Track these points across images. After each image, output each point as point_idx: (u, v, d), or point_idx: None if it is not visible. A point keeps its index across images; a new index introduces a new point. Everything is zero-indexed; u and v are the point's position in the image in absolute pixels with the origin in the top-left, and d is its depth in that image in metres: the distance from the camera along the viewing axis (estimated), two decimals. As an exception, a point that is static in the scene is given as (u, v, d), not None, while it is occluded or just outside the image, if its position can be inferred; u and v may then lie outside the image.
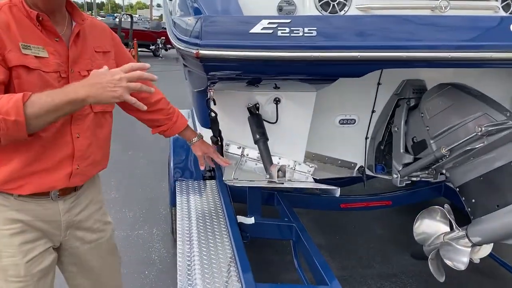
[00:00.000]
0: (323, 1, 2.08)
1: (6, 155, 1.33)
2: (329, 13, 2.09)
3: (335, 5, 2.09)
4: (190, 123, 3.92)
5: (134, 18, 15.78)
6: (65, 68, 1.36)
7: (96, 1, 44.25)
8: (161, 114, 1.85)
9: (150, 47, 16.68)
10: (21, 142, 1.30)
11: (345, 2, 2.09)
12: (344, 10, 2.09)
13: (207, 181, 2.87)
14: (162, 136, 1.99)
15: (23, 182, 1.35)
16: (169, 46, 16.65)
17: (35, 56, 1.28)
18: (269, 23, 1.61)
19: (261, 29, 1.61)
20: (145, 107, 1.29)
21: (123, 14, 18.49)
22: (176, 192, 2.71)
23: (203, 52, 1.63)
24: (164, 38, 16.46)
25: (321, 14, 2.05)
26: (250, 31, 1.61)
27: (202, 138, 2.07)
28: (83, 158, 1.44)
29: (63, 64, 1.35)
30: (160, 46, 16.58)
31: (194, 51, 1.64)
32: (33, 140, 1.31)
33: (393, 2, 2.04)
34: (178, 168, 2.99)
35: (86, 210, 1.57)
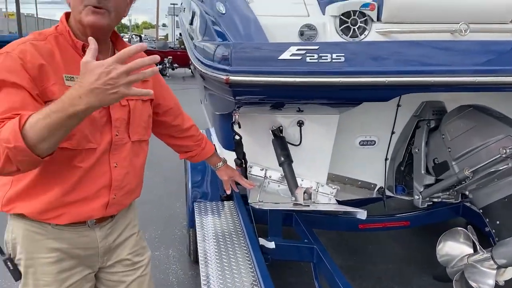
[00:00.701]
0: (344, 26, 2.13)
1: (44, 185, 1.32)
2: (349, 37, 2.13)
3: (356, 29, 2.13)
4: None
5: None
6: None
7: (103, 22, 44.82)
8: (191, 141, 1.87)
9: (158, 66, 16.89)
10: (59, 172, 1.30)
11: (365, 26, 2.13)
12: (364, 34, 2.14)
13: (225, 202, 2.88)
14: (176, 154, 1.98)
15: (60, 212, 1.35)
16: (176, 65, 16.84)
17: None
18: (298, 49, 1.65)
19: (290, 56, 1.65)
20: (150, 92, 1.15)
21: (132, 34, 18.78)
22: (195, 213, 2.73)
23: (233, 78, 1.66)
24: (171, 57, 16.68)
25: (343, 40, 2.09)
26: (279, 58, 1.65)
27: (226, 162, 2.09)
28: (120, 188, 1.44)
29: None
30: (167, 65, 16.77)
31: (224, 77, 1.68)
32: (71, 170, 1.31)
33: (413, 26, 2.09)
34: (196, 189, 3.01)
35: (123, 234, 1.57)
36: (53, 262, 1.39)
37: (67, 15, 1.36)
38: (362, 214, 2.05)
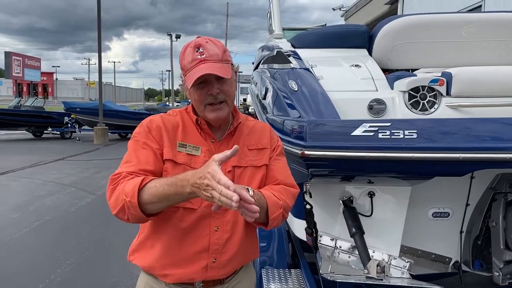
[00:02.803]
0: (413, 100, 2.17)
1: (153, 241, 1.50)
2: (419, 111, 2.16)
3: (425, 103, 2.16)
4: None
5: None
6: None
7: (173, 88, 48.41)
8: None
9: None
10: (163, 229, 1.45)
11: (434, 100, 2.15)
12: (434, 108, 2.16)
13: (292, 270, 2.88)
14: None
15: (166, 271, 1.49)
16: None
17: (187, 154, 1.48)
18: (370, 126, 1.74)
19: (363, 132, 1.74)
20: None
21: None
22: (263, 280, 2.74)
23: (307, 152, 1.77)
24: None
25: (412, 113, 2.13)
26: (352, 134, 1.74)
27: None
28: (220, 252, 1.50)
29: None
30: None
31: (299, 151, 1.79)
32: (173, 230, 1.45)
33: (483, 100, 2.09)
34: (264, 255, 3.04)
35: None
36: None
37: None
38: (438, 291, 1.98)
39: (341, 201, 2.27)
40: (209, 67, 1.43)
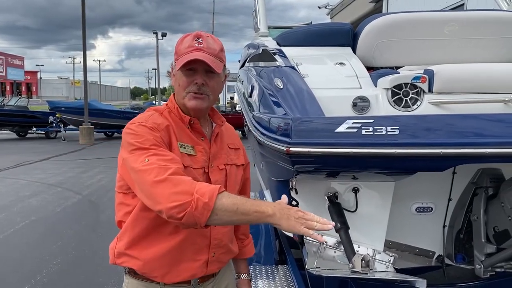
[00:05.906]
0: (396, 97, 2.21)
1: (147, 243, 1.47)
2: (402, 107, 2.21)
3: (408, 100, 2.21)
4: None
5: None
6: (207, 164, 1.54)
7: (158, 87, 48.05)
8: (237, 229, 1.84)
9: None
10: (163, 230, 1.44)
11: (417, 97, 2.20)
12: (417, 105, 2.20)
13: (279, 266, 2.91)
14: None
15: (166, 270, 1.47)
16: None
17: (188, 154, 1.48)
18: (354, 123, 1.77)
19: (346, 128, 1.77)
20: (329, 227, 1.34)
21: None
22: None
23: (293, 149, 1.80)
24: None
25: (396, 110, 2.17)
26: (336, 130, 1.77)
27: (251, 280, 1.93)
28: (219, 246, 1.55)
29: (207, 160, 1.54)
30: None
31: (285, 148, 1.81)
32: (174, 229, 1.44)
33: (465, 97, 2.14)
34: None
35: None
36: None
37: (174, 94, 1.60)
38: (421, 283, 2.02)
39: (326, 197, 2.30)
40: (203, 56, 1.46)
